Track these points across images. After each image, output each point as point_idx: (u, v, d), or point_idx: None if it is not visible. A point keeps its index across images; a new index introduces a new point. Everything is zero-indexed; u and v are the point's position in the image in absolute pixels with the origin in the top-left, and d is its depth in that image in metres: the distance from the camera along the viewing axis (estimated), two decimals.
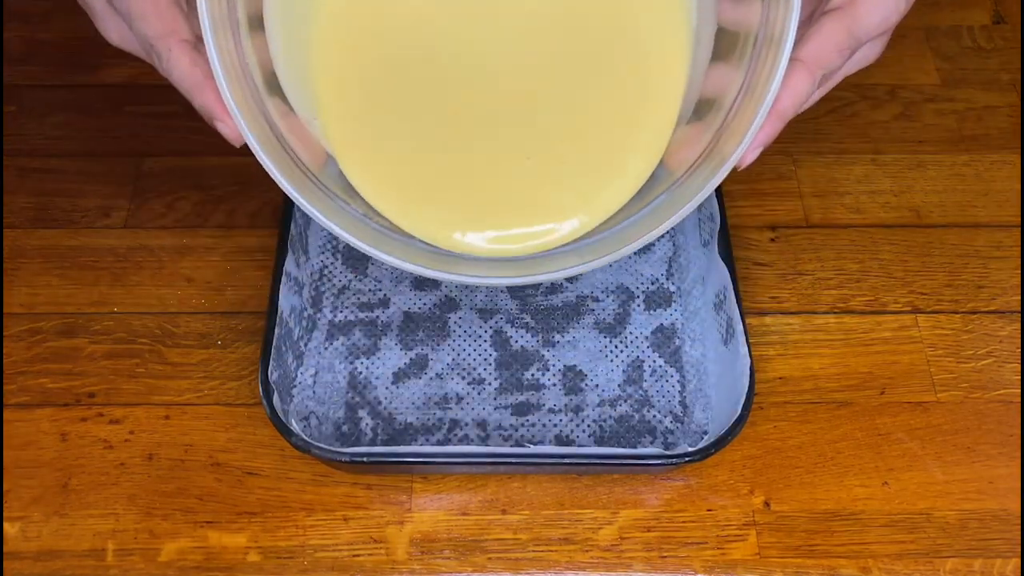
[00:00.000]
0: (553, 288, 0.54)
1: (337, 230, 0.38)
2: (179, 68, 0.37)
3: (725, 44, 0.40)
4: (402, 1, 0.40)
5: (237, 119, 0.36)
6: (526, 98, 0.42)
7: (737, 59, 0.39)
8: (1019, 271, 0.55)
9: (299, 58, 0.40)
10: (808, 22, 0.39)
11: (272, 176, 0.37)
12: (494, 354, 0.52)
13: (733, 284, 0.48)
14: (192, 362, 0.51)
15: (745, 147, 0.37)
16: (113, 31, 0.39)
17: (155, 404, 0.50)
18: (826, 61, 0.38)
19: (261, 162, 0.37)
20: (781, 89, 0.36)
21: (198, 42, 0.37)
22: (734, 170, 0.38)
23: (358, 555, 0.46)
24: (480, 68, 0.41)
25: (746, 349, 0.46)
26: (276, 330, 0.47)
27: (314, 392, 0.50)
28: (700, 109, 0.41)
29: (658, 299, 0.54)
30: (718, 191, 0.52)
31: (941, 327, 0.53)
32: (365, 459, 0.44)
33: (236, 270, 0.54)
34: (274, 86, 0.39)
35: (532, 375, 0.51)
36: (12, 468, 0.48)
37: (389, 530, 0.46)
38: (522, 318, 0.53)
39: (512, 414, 0.50)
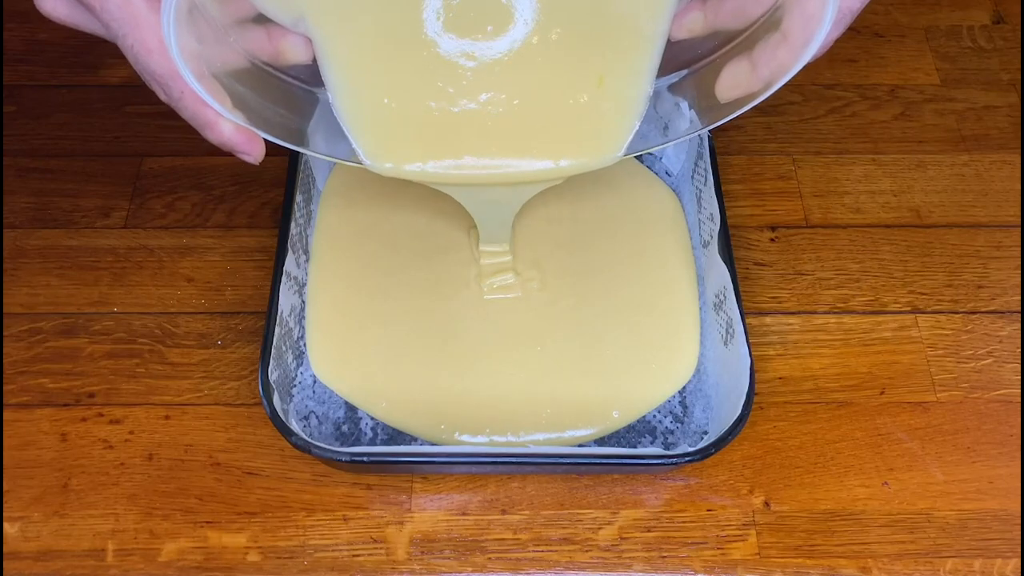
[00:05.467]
0: None
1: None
2: (191, 108, 0.38)
3: None
4: None
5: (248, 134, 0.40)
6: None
7: None
8: (1019, 271, 0.55)
9: None
10: None
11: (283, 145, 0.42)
12: None
13: (733, 284, 0.48)
14: (192, 362, 0.51)
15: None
16: (49, 4, 0.39)
17: (155, 404, 0.50)
18: None
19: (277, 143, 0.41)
20: None
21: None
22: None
23: (358, 555, 0.46)
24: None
25: (746, 349, 0.46)
26: (276, 330, 0.47)
27: (314, 392, 0.50)
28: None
29: None
30: (718, 192, 0.52)
31: (941, 327, 0.53)
32: (365, 459, 0.44)
33: (236, 270, 0.54)
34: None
35: None
36: (12, 468, 0.48)
37: (389, 530, 0.46)
38: None
39: None
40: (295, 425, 0.46)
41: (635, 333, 0.51)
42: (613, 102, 0.43)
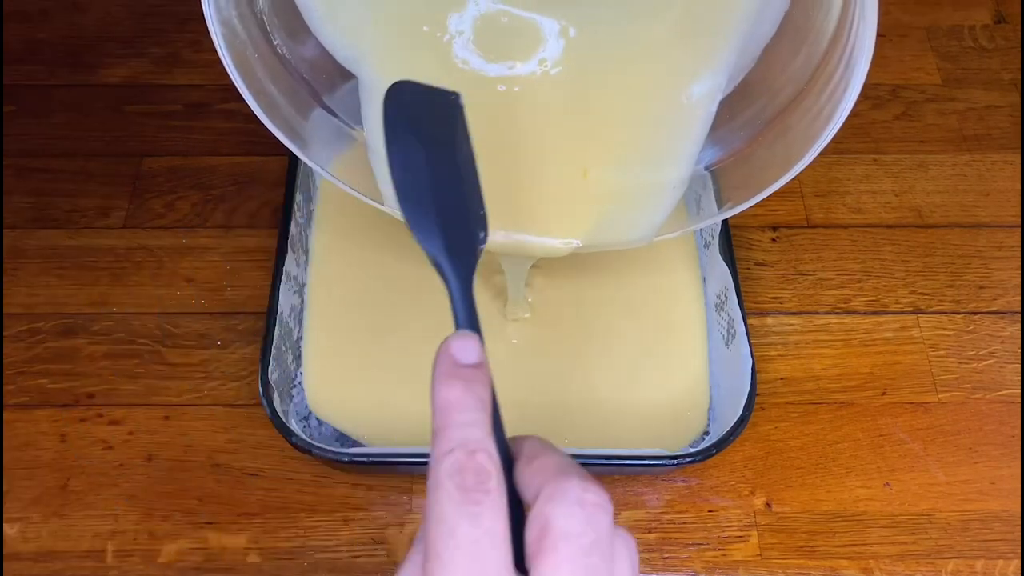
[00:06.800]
0: None
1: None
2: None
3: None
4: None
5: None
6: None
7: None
8: (1020, 271, 0.55)
9: None
10: None
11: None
12: None
13: (734, 284, 0.48)
14: (192, 362, 0.51)
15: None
16: None
17: (155, 405, 0.49)
18: None
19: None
20: None
21: None
22: None
23: (358, 556, 0.45)
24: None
25: (748, 350, 0.46)
26: (276, 330, 0.47)
27: None
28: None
29: None
30: (717, 192, 0.52)
31: (942, 327, 0.53)
32: (365, 459, 0.44)
33: (236, 270, 0.54)
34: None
35: None
36: (12, 468, 0.47)
37: (390, 531, 0.46)
38: None
39: None
40: (295, 425, 0.46)
41: (642, 385, 0.50)
42: (640, 196, 0.42)
